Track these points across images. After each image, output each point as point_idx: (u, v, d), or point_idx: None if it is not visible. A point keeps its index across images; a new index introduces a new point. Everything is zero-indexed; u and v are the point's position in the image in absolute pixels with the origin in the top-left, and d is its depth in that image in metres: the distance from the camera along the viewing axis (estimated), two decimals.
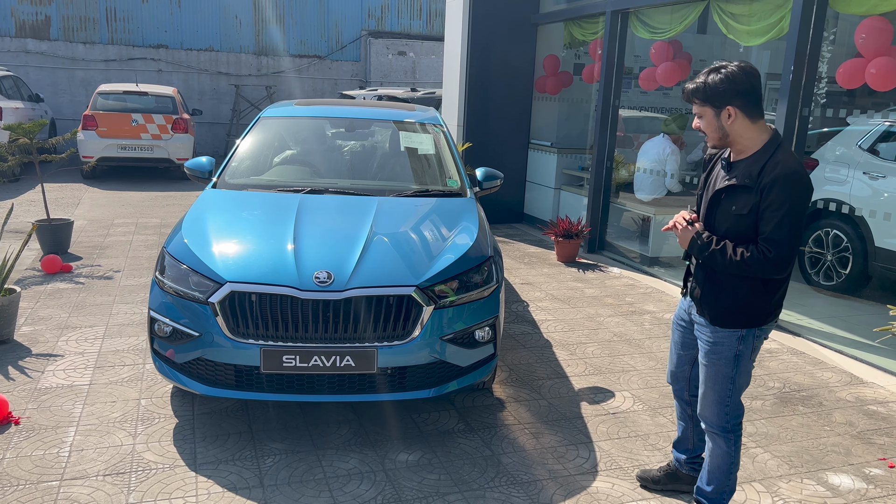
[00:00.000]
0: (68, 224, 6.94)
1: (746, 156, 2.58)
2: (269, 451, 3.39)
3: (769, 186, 2.46)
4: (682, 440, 3.15)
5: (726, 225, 2.59)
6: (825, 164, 6.53)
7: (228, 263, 3.44)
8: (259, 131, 5.06)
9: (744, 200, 2.53)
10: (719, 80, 2.51)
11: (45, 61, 15.71)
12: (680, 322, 2.95)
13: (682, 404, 3.08)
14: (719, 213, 2.62)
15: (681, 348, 2.96)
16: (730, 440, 2.78)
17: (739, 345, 2.66)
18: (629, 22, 7.29)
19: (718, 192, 2.62)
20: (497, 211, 8.82)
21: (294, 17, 17.54)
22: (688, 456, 3.14)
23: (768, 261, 2.47)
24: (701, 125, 2.63)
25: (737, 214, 2.55)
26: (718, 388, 2.72)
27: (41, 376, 4.10)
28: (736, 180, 2.55)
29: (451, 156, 5.04)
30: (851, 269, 6.19)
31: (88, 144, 11.29)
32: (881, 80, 4.74)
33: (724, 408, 2.74)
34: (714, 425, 2.78)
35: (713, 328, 2.68)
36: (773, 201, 2.45)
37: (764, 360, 4.84)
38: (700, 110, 2.60)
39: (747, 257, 2.49)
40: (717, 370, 2.70)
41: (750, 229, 2.54)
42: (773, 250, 2.46)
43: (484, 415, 3.86)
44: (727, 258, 2.53)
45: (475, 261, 3.67)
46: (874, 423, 3.95)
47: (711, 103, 2.55)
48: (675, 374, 3.03)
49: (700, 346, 2.77)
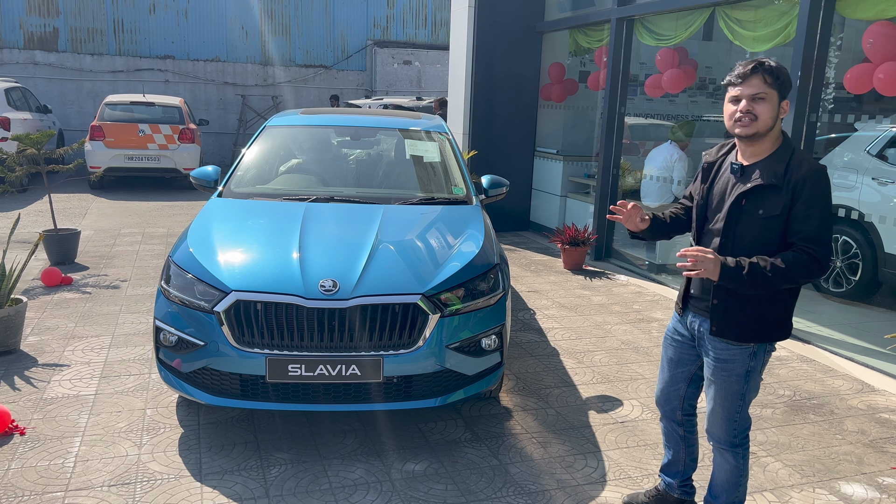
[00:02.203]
0: (75, 234, 6.96)
1: (760, 158, 2.45)
2: (274, 461, 3.37)
3: (801, 184, 2.33)
4: (672, 463, 2.96)
5: (754, 232, 2.41)
6: (834, 170, 6.48)
7: (234, 272, 3.43)
8: (265, 140, 5.07)
9: (773, 201, 2.37)
10: (783, 70, 2.38)
11: (52, 73, 15.83)
12: (676, 337, 2.77)
13: (672, 425, 2.89)
14: (743, 219, 2.43)
15: (677, 366, 2.78)
16: (738, 454, 2.68)
17: (751, 361, 2.54)
18: (634, 29, 7.28)
19: (740, 196, 2.43)
20: (503, 219, 8.80)
21: (300, 28, 17.64)
22: (679, 480, 2.96)
23: (815, 261, 2.33)
24: (758, 109, 2.37)
25: (766, 217, 2.38)
26: (728, 405, 2.60)
27: (47, 386, 4.10)
28: (761, 181, 2.39)
29: (457, 163, 5.03)
30: (861, 275, 6.14)
31: (96, 155, 11.35)
32: (889, 85, 4.71)
33: (733, 423, 2.62)
34: (722, 441, 2.67)
35: (726, 344, 2.53)
36: (809, 199, 2.33)
37: (774, 367, 4.79)
38: (767, 92, 2.36)
39: (792, 263, 2.32)
40: (727, 387, 2.57)
41: (779, 233, 2.39)
42: (818, 248, 2.33)
43: (491, 424, 3.83)
44: (768, 272, 2.32)
45: (481, 268, 3.65)
46: (886, 432, 3.90)
47: (780, 90, 2.38)
48: (669, 393, 2.83)
49: (707, 362, 2.62)
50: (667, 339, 2.83)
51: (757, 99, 2.38)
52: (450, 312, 3.41)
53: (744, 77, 2.40)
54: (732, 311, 2.49)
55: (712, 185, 2.61)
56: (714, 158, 2.65)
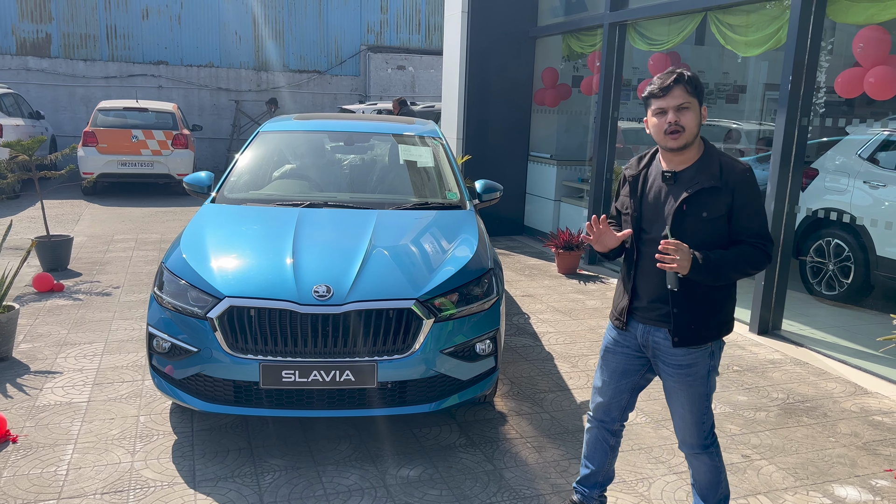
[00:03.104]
0: (68, 240, 6.93)
1: (691, 163, 2.49)
2: (268, 468, 3.36)
3: (740, 183, 2.42)
4: (592, 475, 2.89)
5: (700, 234, 2.44)
6: (825, 174, 6.52)
7: (227, 278, 3.42)
8: (258, 146, 5.06)
9: (715, 203, 2.42)
10: (697, 77, 2.45)
11: (45, 78, 15.79)
12: (621, 350, 2.70)
13: (604, 435, 2.83)
14: (688, 223, 2.45)
15: (622, 377, 2.72)
16: (713, 453, 2.69)
17: (711, 360, 2.57)
18: (627, 34, 7.31)
19: (683, 201, 2.45)
20: (497, 223, 8.81)
21: (293, 33, 17.64)
22: (599, 490, 2.92)
23: (767, 255, 2.45)
24: (684, 119, 2.42)
25: (711, 219, 2.43)
26: (696, 409, 2.60)
27: (39, 394, 4.07)
28: (700, 184, 2.43)
29: (451, 168, 5.03)
30: (853, 278, 6.17)
31: (88, 161, 11.31)
32: (880, 89, 4.74)
33: (702, 426, 2.62)
34: (696, 446, 2.66)
35: (687, 349, 2.52)
36: (750, 197, 2.44)
37: (767, 371, 4.81)
38: (688, 101, 2.41)
39: (749, 256, 2.42)
40: (692, 391, 2.57)
41: (723, 233, 2.45)
42: (767, 243, 2.45)
43: (485, 429, 3.83)
44: (730, 264, 2.39)
45: (475, 273, 3.65)
46: (879, 434, 3.92)
47: (699, 98, 2.44)
48: (611, 405, 2.76)
49: (667, 371, 2.58)
50: (609, 351, 2.75)
51: (681, 109, 2.42)
52: (444, 317, 3.41)
53: (667, 89, 2.43)
54: (692, 317, 2.51)
55: (644, 198, 2.60)
56: (637, 171, 2.64)
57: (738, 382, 4.58)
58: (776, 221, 5.35)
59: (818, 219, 6.36)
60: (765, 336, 5.51)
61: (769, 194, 5.36)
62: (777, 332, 5.56)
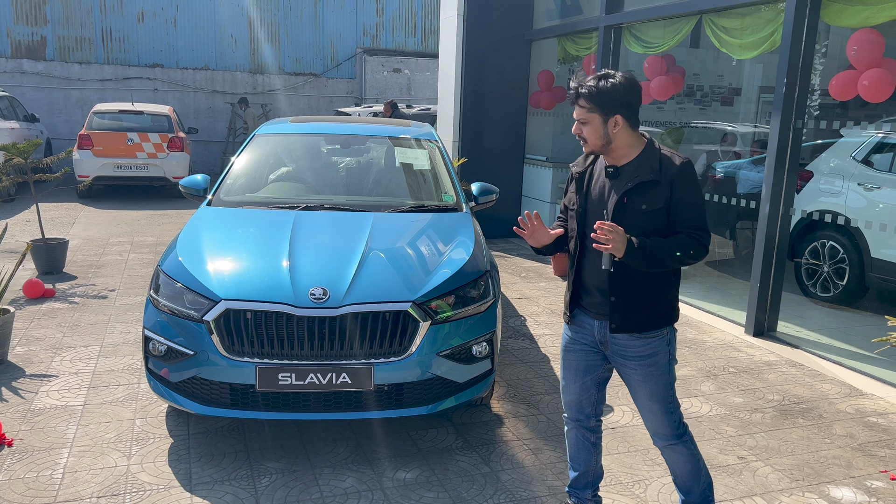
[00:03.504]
0: (63, 243, 6.92)
1: (632, 158, 2.56)
2: (265, 471, 3.35)
3: (678, 176, 2.48)
4: (582, 476, 2.90)
5: (639, 225, 2.50)
6: (820, 176, 6.54)
7: (223, 281, 3.42)
8: (254, 148, 5.06)
9: (654, 195, 2.50)
10: (610, 87, 2.48)
11: (40, 81, 15.76)
12: (578, 347, 2.74)
13: (584, 433, 2.84)
14: (627, 215, 2.52)
15: (585, 374, 2.74)
16: (687, 441, 2.70)
17: (669, 348, 2.63)
18: (622, 37, 7.34)
19: (623, 194, 2.52)
20: (493, 225, 8.80)
21: (289, 36, 17.65)
22: (591, 491, 2.92)
23: (702, 245, 2.50)
24: (583, 131, 2.54)
25: (650, 211, 2.50)
26: (662, 399, 2.63)
27: (35, 397, 4.06)
28: (640, 178, 2.50)
29: (447, 171, 5.04)
30: (848, 280, 6.19)
31: (84, 164, 11.29)
32: (874, 91, 4.76)
33: (671, 415, 2.65)
34: (669, 437, 2.67)
35: (644, 340, 2.58)
36: (687, 190, 2.50)
37: (762, 372, 4.82)
38: (587, 116, 2.52)
39: (685, 245, 2.47)
40: (656, 381, 2.61)
41: (662, 225, 2.51)
42: (703, 234, 2.51)
43: (482, 431, 3.83)
44: (666, 251, 2.45)
45: (472, 276, 3.66)
46: (875, 435, 3.93)
47: (601, 110, 2.50)
48: (581, 402, 2.79)
49: (629, 365, 2.62)
50: (567, 350, 2.79)
51: (582, 122, 2.55)
52: (440, 320, 3.41)
53: (571, 101, 2.56)
54: (631, 303, 2.57)
55: (588, 193, 2.67)
56: (583, 168, 2.72)
57: (734, 384, 4.60)
58: (771, 223, 5.37)
59: (813, 221, 6.38)
60: (760, 338, 5.52)
61: (764, 196, 5.38)
62: (772, 333, 5.58)
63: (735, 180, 7.54)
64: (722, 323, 5.88)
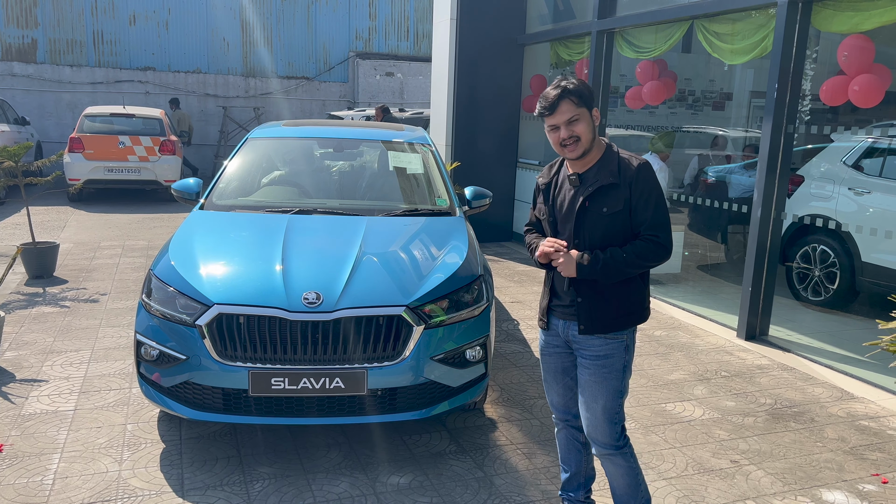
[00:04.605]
0: (54, 247, 6.88)
1: (593, 164, 2.59)
2: (257, 476, 3.34)
3: (636, 178, 2.51)
4: (573, 477, 2.93)
5: (601, 229, 2.54)
6: (811, 181, 6.58)
7: (216, 285, 3.40)
8: (247, 152, 5.05)
9: (614, 198, 2.52)
10: (582, 84, 2.53)
11: (31, 84, 15.68)
12: (552, 350, 2.79)
13: (573, 433, 2.88)
14: (589, 220, 2.56)
15: (563, 375, 2.80)
16: (626, 454, 2.69)
17: (626, 354, 2.64)
18: (615, 42, 7.36)
19: (584, 200, 2.56)
20: (486, 229, 8.82)
21: (282, 40, 17.63)
22: (583, 492, 2.94)
23: (661, 246, 2.51)
24: (577, 130, 2.50)
25: (611, 214, 2.53)
26: (609, 405, 2.62)
27: (25, 402, 4.03)
28: (600, 181, 2.54)
29: (440, 175, 5.04)
30: (839, 284, 6.22)
31: (75, 167, 11.23)
32: (864, 97, 4.79)
33: (614, 424, 2.64)
34: (608, 446, 2.66)
35: (603, 339, 2.60)
36: (645, 190, 2.51)
37: (754, 376, 4.84)
38: (577, 112, 2.50)
39: (641, 251, 2.49)
40: (606, 385, 2.61)
41: (623, 228, 2.54)
42: (661, 234, 2.51)
43: (476, 435, 3.82)
44: (621, 261, 2.48)
45: (465, 280, 3.66)
46: (866, 439, 3.95)
47: (588, 104, 2.52)
48: (566, 403, 2.83)
49: (584, 364, 2.65)
50: (544, 353, 2.84)
51: (572, 122, 2.51)
52: (434, 324, 3.40)
53: (553, 107, 2.51)
54: (597, 305, 2.60)
55: (555, 202, 2.71)
56: (548, 178, 2.75)
57: (726, 388, 4.61)
58: (763, 228, 5.40)
59: (804, 225, 6.42)
60: (752, 342, 5.54)
61: (756, 201, 5.41)
62: (764, 337, 5.60)
63: (727, 185, 7.58)
64: (714, 327, 5.90)
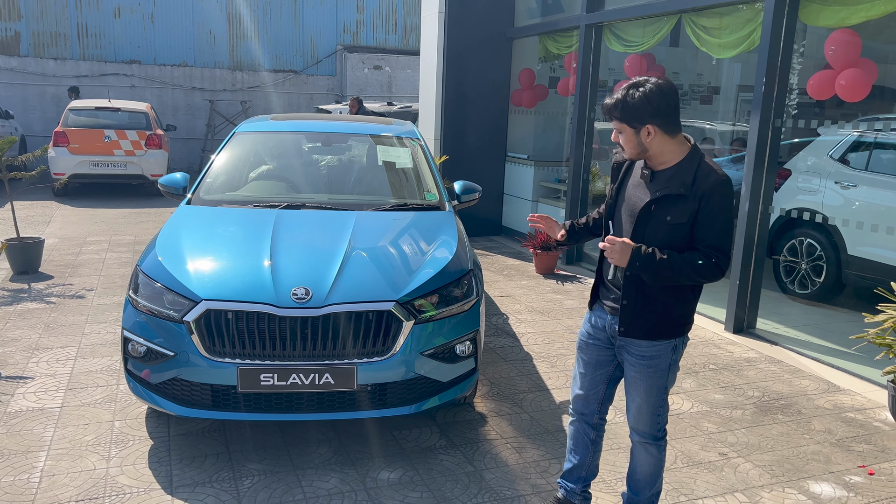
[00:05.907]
0: (39, 242, 6.81)
1: (669, 166, 2.53)
2: (247, 472, 3.32)
3: (708, 194, 2.42)
4: (575, 469, 2.93)
5: (660, 236, 2.50)
6: (797, 174, 6.62)
7: (204, 281, 3.38)
8: (234, 146, 5.01)
9: (680, 209, 2.46)
10: (638, 99, 2.43)
11: (14, 77, 15.49)
12: (591, 341, 2.79)
13: (585, 428, 2.89)
14: (651, 224, 2.52)
15: (595, 368, 2.79)
16: (661, 446, 2.75)
17: (673, 354, 2.64)
18: (603, 35, 7.36)
19: (649, 203, 2.52)
20: (475, 224, 8.81)
21: (269, 33, 17.51)
22: (581, 486, 2.94)
23: (717, 267, 2.45)
24: (620, 140, 2.55)
25: (673, 224, 2.47)
26: (653, 400, 2.66)
27: (11, 399, 3.99)
28: (669, 190, 2.48)
29: (429, 169, 5.02)
30: (826, 277, 6.27)
31: (60, 161, 11.12)
32: (850, 91, 4.82)
33: (657, 417, 2.69)
34: (647, 435, 2.72)
35: (650, 342, 2.59)
36: (715, 208, 2.43)
37: (742, 369, 4.87)
38: (619, 126, 2.52)
39: (699, 264, 2.43)
40: (652, 382, 2.63)
41: (685, 239, 2.48)
42: (720, 256, 2.45)
43: (466, 430, 3.82)
44: (677, 266, 2.43)
45: (455, 275, 3.65)
46: (853, 431, 3.98)
47: (629, 122, 2.48)
48: (589, 397, 2.83)
49: (630, 360, 2.65)
50: (582, 343, 2.83)
51: (617, 132, 2.56)
52: (424, 319, 3.40)
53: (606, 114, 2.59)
54: (640, 310, 2.58)
55: (622, 186, 2.69)
56: (623, 159, 2.72)
57: (715, 381, 4.64)
58: (750, 221, 5.42)
59: (791, 219, 6.46)
60: (740, 335, 5.58)
61: (743, 194, 5.43)
62: (752, 330, 5.64)
63: None
64: (702, 320, 5.93)
